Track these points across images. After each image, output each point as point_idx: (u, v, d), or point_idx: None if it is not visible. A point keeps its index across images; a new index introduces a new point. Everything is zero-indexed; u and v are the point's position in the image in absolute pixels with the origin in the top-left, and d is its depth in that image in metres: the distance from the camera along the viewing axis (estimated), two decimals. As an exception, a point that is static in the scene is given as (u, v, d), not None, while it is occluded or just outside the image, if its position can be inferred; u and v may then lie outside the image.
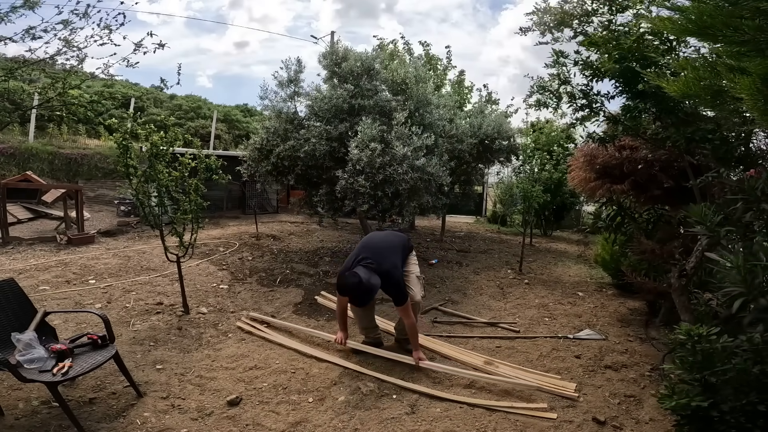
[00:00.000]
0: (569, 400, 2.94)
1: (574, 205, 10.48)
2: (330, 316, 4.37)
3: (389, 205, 5.39)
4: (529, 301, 5.13)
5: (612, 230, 5.33)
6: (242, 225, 9.09)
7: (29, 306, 2.82)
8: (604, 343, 3.94)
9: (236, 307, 4.49)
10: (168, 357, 3.36)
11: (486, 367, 3.35)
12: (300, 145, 5.49)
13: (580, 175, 5.15)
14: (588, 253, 7.81)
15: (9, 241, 6.55)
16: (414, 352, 3.29)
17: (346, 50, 5.87)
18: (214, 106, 23.67)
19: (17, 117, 8.91)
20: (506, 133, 7.63)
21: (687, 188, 4.03)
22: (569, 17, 4.06)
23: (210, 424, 2.58)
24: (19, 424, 2.46)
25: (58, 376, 2.38)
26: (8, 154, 10.30)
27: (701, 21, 2.11)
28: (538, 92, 4.50)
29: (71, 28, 5.63)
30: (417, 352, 3.28)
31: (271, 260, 6.37)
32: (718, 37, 2.09)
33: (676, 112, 3.66)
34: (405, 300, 3.21)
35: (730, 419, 2.00)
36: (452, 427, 2.63)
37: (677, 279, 3.42)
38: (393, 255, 3.35)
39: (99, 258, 6.03)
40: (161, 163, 3.89)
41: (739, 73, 2.06)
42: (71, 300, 4.40)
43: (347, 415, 2.72)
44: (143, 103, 19.55)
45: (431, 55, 10.16)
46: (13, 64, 5.91)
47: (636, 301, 5.06)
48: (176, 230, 4.04)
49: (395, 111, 5.44)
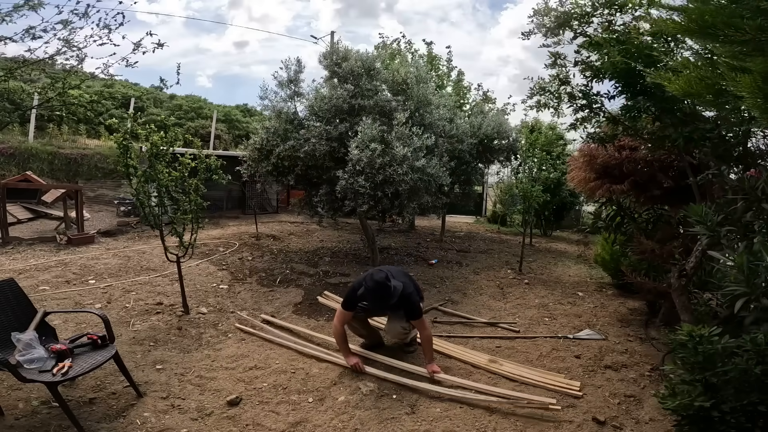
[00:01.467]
0: (570, 398, 2.94)
1: (573, 205, 10.49)
2: (330, 316, 4.36)
3: (389, 206, 5.39)
4: (529, 301, 5.13)
5: (612, 230, 5.33)
6: (242, 225, 9.09)
7: (29, 306, 2.82)
8: (604, 343, 3.94)
9: (236, 307, 4.49)
10: (168, 357, 3.36)
11: (490, 365, 3.36)
12: (300, 145, 5.49)
13: (580, 175, 5.15)
14: (588, 253, 7.81)
15: (9, 241, 6.55)
16: (428, 365, 3.18)
17: (347, 50, 5.86)
18: (213, 106, 23.68)
19: (17, 117, 8.91)
20: (505, 132, 7.64)
21: (687, 188, 4.03)
22: (569, 18, 4.06)
23: (210, 424, 2.58)
24: (19, 424, 2.46)
25: (58, 376, 2.38)
26: (8, 154, 10.31)
27: (703, 21, 2.11)
28: (538, 94, 4.50)
29: (71, 28, 5.63)
30: (432, 365, 3.18)
31: (271, 260, 6.37)
32: (720, 37, 2.09)
33: (675, 112, 3.67)
34: (421, 314, 3.27)
35: (730, 419, 2.00)
36: (452, 427, 2.63)
37: (677, 279, 3.42)
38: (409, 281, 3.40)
39: (99, 258, 6.03)
40: (161, 163, 3.89)
41: (740, 71, 2.06)
42: (71, 300, 4.40)
43: (347, 415, 2.71)
44: (143, 103, 19.55)
45: (434, 54, 10.16)
46: (13, 64, 5.90)
47: (636, 301, 5.06)
48: (176, 230, 4.04)
49: (395, 111, 5.44)
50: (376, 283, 3.09)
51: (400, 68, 6.07)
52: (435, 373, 3.12)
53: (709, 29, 2.10)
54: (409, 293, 3.23)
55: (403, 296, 3.16)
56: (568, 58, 4.24)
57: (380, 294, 3.09)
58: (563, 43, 4.23)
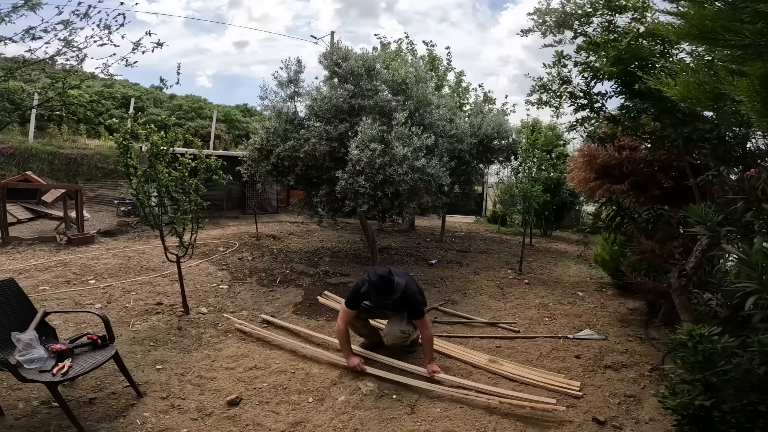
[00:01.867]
0: (570, 398, 2.94)
1: (574, 205, 10.48)
2: (330, 316, 4.36)
3: (389, 206, 5.39)
4: (529, 301, 5.13)
5: (612, 230, 5.33)
6: (242, 225, 9.09)
7: (29, 306, 2.81)
8: (604, 343, 3.94)
9: (236, 307, 4.49)
10: (168, 357, 3.36)
11: (490, 365, 3.37)
12: (300, 145, 5.49)
13: (580, 175, 5.15)
14: (588, 253, 7.81)
15: (9, 241, 6.55)
16: (428, 365, 3.18)
17: (347, 50, 5.87)
18: (213, 106, 23.66)
19: (17, 117, 8.89)
20: (505, 132, 7.64)
21: (687, 188, 4.03)
22: (569, 17, 4.06)
23: (210, 424, 2.58)
24: (19, 424, 2.46)
25: (58, 376, 2.38)
26: (8, 154, 10.30)
27: (702, 25, 2.11)
28: (539, 91, 4.50)
29: (71, 28, 5.62)
30: (431, 364, 3.18)
31: (271, 260, 6.37)
32: (719, 41, 2.09)
33: (674, 112, 3.67)
34: (423, 313, 3.30)
35: (730, 419, 2.00)
36: (452, 427, 2.63)
37: (677, 279, 3.42)
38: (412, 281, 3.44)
39: (99, 258, 6.03)
40: (161, 163, 3.89)
41: (738, 75, 2.06)
42: (71, 300, 4.40)
43: (347, 415, 2.71)
44: (143, 103, 19.56)
45: (434, 55, 10.16)
46: (13, 64, 5.90)
47: (636, 301, 5.06)
48: (176, 230, 4.04)
49: (395, 111, 5.44)
50: (380, 278, 3.12)
51: (399, 68, 6.07)
52: (435, 373, 3.13)
53: (709, 34, 2.10)
54: (413, 291, 3.27)
55: (406, 293, 3.19)
56: (571, 57, 4.24)
57: (383, 288, 3.11)
58: (564, 42, 4.23)
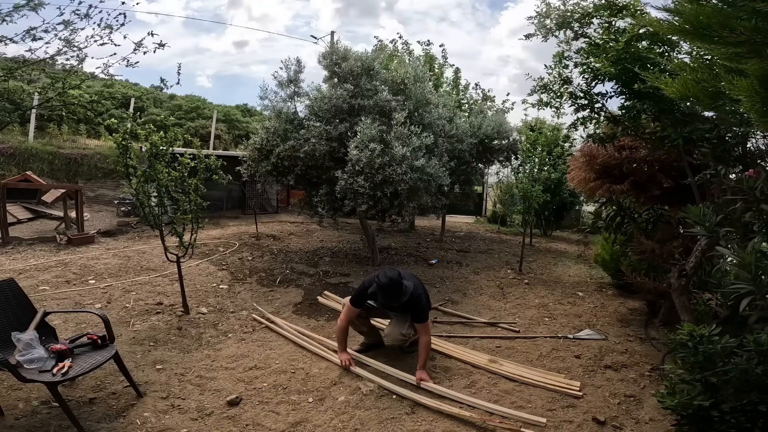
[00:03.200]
0: (570, 398, 2.94)
1: (574, 205, 10.48)
2: (330, 316, 4.37)
3: (388, 205, 5.39)
4: (529, 301, 5.13)
5: (612, 230, 5.33)
6: (242, 225, 9.09)
7: (29, 306, 2.82)
8: (604, 343, 3.94)
9: (236, 307, 4.49)
10: (168, 357, 3.36)
11: (490, 365, 3.37)
12: (300, 145, 5.50)
13: (580, 175, 5.15)
14: (588, 253, 7.81)
15: (9, 241, 6.55)
16: (418, 371, 3.12)
17: (346, 50, 5.87)
18: (213, 106, 23.68)
19: (17, 117, 8.90)
20: (505, 132, 7.64)
21: (687, 188, 4.03)
22: (569, 18, 4.06)
23: (210, 424, 2.58)
24: (19, 424, 2.46)
25: (58, 376, 2.38)
26: (8, 154, 10.29)
27: (698, 22, 2.11)
28: (539, 92, 4.50)
29: (72, 28, 5.63)
30: (422, 371, 3.12)
31: (271, 260, 6.37)
32: (715, 39, 2.09)
33: (674, 112, 3.67)
34: (427, 318, 3.31)
35: (730, 419, 2.00)
36: (452, 427, 2.63)
37: (677, 279, 3.42)
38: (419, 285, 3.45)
39: (99, 258, 6.03)
40: (161, 163, 3.89)
41: (737, 74, 2.06)
42: (71, 300, 4.40)
43: (347, 415, 2.71)
44: (143, 103, 19.56)
45: (431, 55, 10.16)
46: (13, 64, 5.90)
47: (636, 301, 5.06)
48: (176, 230, 4.04)
49: (395, 111, 5.44)
50: (390, 280, 3.12)
51: (398, 68, 6.08)
52: (422, 381, 3.06)
53: (704, 30, 2.09)
54: (419, 294, 3.27)
55: (413, 297, 3.20)
56: (571, 58, 4.25)
57: (392, 290, 3.12)
58: (567, 41, 4.24)
